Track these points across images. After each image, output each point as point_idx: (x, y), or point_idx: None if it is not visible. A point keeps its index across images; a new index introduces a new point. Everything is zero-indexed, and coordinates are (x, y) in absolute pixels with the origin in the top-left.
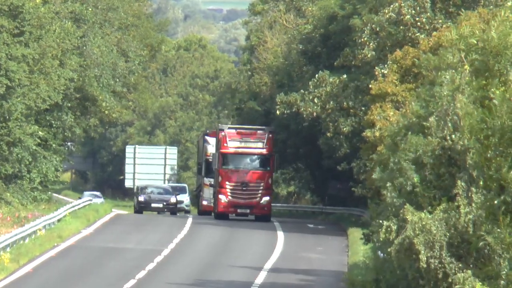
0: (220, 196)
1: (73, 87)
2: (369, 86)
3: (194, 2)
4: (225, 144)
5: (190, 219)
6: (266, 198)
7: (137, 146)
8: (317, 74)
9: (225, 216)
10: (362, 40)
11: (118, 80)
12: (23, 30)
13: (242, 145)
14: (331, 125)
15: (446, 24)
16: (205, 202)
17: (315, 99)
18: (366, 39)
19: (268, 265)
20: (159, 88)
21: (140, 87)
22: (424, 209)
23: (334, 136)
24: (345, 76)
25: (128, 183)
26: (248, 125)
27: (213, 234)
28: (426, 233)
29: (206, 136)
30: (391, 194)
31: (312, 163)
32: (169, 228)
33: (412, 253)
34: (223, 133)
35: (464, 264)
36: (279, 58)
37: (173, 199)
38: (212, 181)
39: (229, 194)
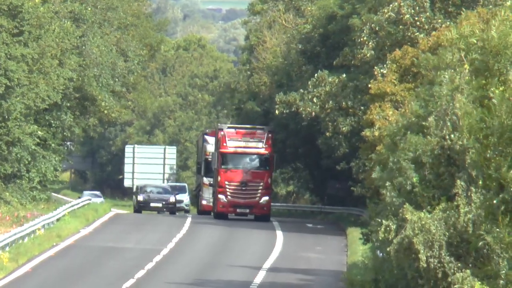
0: (220, 196)
1: (72, 87)
2: (368, 86)
3: (193, 2)
4: (225, 144)
5: (190, 219)
6: (266, 198)
7: (136, 146)
8: (316, 74)
9: (225, 216)
10: (361, 40)
11: (117, 80)
12: (22, 30)
13: (242, 145)
14: (330, 125)
15: (446, 24)
16: (205, 202)
17: (314, 99)
18: (365, 39)
19: (267, 265)
20: (158, 88)
21: (139, 87)
22: (424, 209)
23: (333, 136)
24: (344, 76)
25: (127, 183)
26: (248, 125)
27: (212, 234)
28: (426, 233)
29: (206, 136)
30: (391, 194)
31: (311, 163)
32: (169, 228)
33: (411, 253)
34: (223, 133)
35: (463, 264)
36: (278, 58)
37: (172, 199)
38: (212, 181)
39: (229, 194)
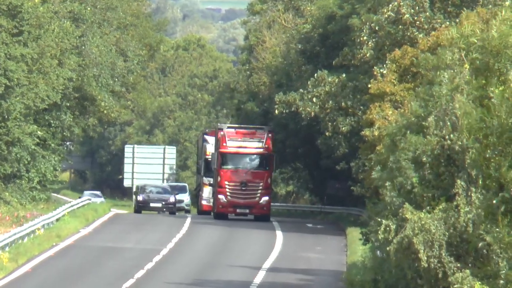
0: (219, 196)
1: (72, 87)
2: (368, 86)
3: (193, 2)
4: (224, 144)
5: (189, 219)
6: (266, 198)
7: (136, 146)
8: (316, 74)
9: (224, 216)
10: (361, 40)
11: (117, 80)
12: (22, 30)
13: (242, 145)
14: (330, 125)
15: (445, 24)
16: (205, 202)
17: (314, 99)
18: (365, 39)
19: (267, 265)
20: (158, 88)
21: (139, 87)
22: (423, 209)
23: (333, 136)
24: (344, 76)
25: (127, 183)
26: (247, 125)
27: (212, 234)
28: (425, 233)
29: (206, 136)
30: (390, 193)
31: (311, 163)
32: (168, 228)
33: (411, 253)
34: (222, 133)
35: (463, 264)
36: (278, 58)
37: (172, 199)
38: (212, 181)
39: (228, 194)
